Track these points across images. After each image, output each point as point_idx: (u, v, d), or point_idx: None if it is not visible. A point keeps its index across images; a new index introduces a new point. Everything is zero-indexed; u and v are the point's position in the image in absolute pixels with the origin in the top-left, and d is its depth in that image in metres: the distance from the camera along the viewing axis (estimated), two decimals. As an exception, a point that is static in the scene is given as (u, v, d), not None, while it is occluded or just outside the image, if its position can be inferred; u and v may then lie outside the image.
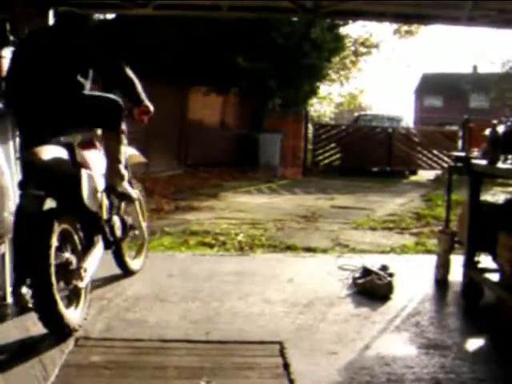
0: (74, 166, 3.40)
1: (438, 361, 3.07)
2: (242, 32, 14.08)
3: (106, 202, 3.79)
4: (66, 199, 3.39)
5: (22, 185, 3.23)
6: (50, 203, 3.36)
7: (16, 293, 3.27)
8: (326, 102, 26.20)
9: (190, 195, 10.25)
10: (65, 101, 3.48)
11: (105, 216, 3.78)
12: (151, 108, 3.81)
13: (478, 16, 4.99)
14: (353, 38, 22.36)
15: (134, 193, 4.08)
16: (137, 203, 4.42)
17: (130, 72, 3.64)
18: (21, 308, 3.26)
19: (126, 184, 3.90)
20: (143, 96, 3.74)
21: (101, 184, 3.72)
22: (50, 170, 3.21)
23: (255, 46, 14.75)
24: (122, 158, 3.86)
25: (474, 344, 3.51)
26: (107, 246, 3.84)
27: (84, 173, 3.46)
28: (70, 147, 3.38)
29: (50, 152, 3.21)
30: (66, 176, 3.38)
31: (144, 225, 4.57)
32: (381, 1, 5.06)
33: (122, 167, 3.85)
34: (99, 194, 3.69)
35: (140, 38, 13.16)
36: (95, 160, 3.67)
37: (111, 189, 3.83)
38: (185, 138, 14.75)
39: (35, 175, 3.20)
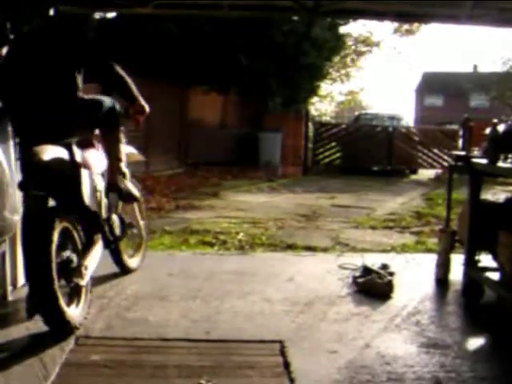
0: (74, 166, 3.40)
1: (438, 360, 3.07)
2: (242, 31, 14.07)
3: (105, 201, 3.78)
4: (67, 199, 3.40)
5: (23, 185, 3.23)
6: (50, 202, 3.37)
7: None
8: (327, 100, 26.23)
9: (190, 194, 10.25)
10: (62, 101, 3.44)
11: (104, 215, 3.78)
12: (146, 108, 3.74)
13: (478, 15, 4.97)
14: (353, 37, 22.38)
15: (137, 191, 4.07)
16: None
17: (121, 71, 3.58)
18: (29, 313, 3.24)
19: (128, 182, 3.89)
20: (136, 94, 3.68)
21: (100, 183, 3.72)
22: (50, 170, 3.20)
23: (255, 44, 14.74)
24: (123, 156, 3.85)
25: (475, 343, 3.52)
26: (107, 245, 3.85)
27: (84, 173, 3.46)
28: (69, 147, 3.37)
29: (51, 152, 3.20)
30: (67, 176, 3.38)
31: (142, 223, 4.58)
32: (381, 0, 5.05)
33: (123, 165, 3.84)
34: (98, 194, 3.69)
35: (140, 36, 13.15)
36: (94, 159, 3.66)
37: (113, 187, 3.80)
38: (185, 137, 14.76)
39: (36, 176, 3.19)
